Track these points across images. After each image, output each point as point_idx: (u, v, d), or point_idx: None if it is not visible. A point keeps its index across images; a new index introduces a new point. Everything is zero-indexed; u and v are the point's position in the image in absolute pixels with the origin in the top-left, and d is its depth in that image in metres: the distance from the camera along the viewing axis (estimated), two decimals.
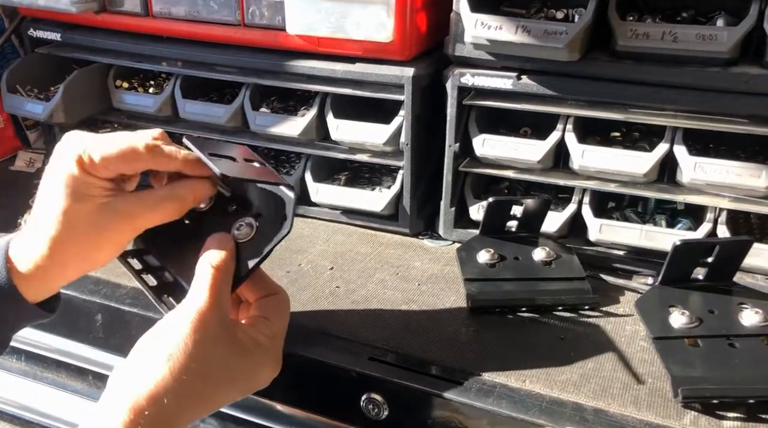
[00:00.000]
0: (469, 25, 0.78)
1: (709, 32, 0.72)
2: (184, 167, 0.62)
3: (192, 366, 0.54)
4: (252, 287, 0.66)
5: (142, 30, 0.99)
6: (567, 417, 0.61)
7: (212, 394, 0.57)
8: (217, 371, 0.56)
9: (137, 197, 0.61)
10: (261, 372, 0.61)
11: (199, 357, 0.55)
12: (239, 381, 0.59)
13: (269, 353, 0.61)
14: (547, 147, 0.83)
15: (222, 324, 0.57)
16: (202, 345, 0.55)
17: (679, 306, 0.71)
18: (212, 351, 0.56)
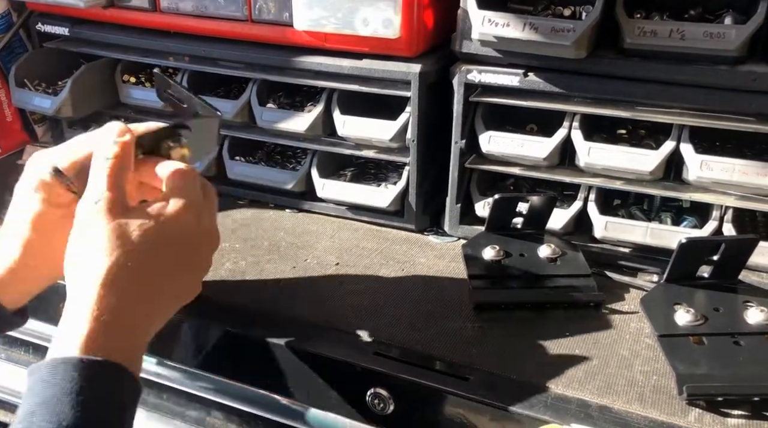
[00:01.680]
0: (477, 22, 0.78)
1: (717, 30, 0.72)
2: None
3: (121, 260, 0.52)
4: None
5: (150, 25, 0.99)
6: (572, 413, 0.62)
7: (156, 281, 0.54)
8: (147, 254, 0.53)
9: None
10: (194, 244, 0.58)
11: (124, 247, 0.52)
12: (174, 259, 0.56)
13: (189, 222, 0.57)
14: (554, 144, 0.83)
15: (127, 209, 0.55)
16: (119, 237, 0.53)
17: (685, 304, 0.71)
18: (132, 237, 0.53)
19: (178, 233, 0.56)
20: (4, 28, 1.10)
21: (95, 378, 0.49)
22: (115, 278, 0.52)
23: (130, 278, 0.53)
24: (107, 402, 0.50)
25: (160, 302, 0.56)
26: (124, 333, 0.52)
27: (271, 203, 1.01)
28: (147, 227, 0.54)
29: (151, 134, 0.63)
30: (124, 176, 0.57)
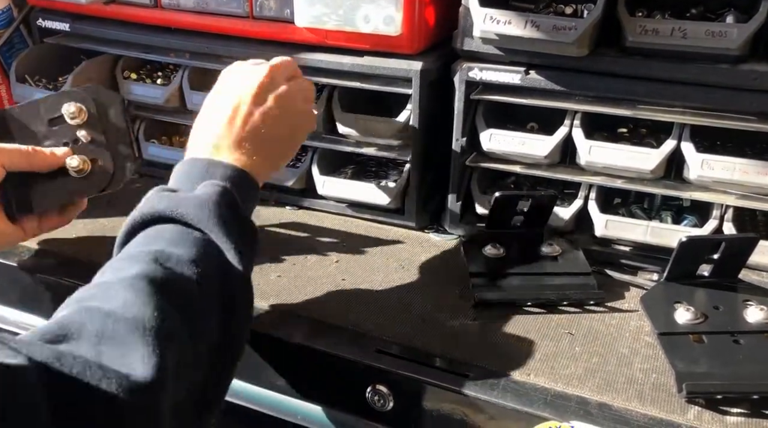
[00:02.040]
0: (478, 20, 0.78)
1: (719, 29, 0.72)
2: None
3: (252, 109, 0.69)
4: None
5: (151, 21, 0.99)
6: (571, 410, 0.62)
7: (273, 132, 0.70)
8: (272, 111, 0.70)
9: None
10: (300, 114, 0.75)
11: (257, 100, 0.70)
12: (288, 121, 0.72)
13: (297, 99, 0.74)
14: (555, 142, 0.83)
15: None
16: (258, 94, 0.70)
17: (685, 302, 0.71)
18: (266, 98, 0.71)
19: (292, 105, 0.72)
20: (4, 24, 1.10)
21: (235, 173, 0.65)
22: (237, 119, 0.68)
23: (246, 122, 0.69)
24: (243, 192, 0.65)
25: (273, 146, 0.71)
26: (242, 156, 0.67)
27: (272, 200, 1.01)
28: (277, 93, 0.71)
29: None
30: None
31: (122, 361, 0.48)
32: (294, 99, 0.73)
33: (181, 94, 1.01)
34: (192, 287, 0.56)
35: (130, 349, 0.49)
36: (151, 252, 0.57)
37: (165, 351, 0.50)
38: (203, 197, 0.61)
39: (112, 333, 0.49)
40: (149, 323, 0.50)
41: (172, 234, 0.59)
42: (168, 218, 0.60)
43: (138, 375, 0.47)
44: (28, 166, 0.73)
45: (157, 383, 0.48)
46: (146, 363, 0.48)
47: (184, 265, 0.57)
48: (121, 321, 0.50)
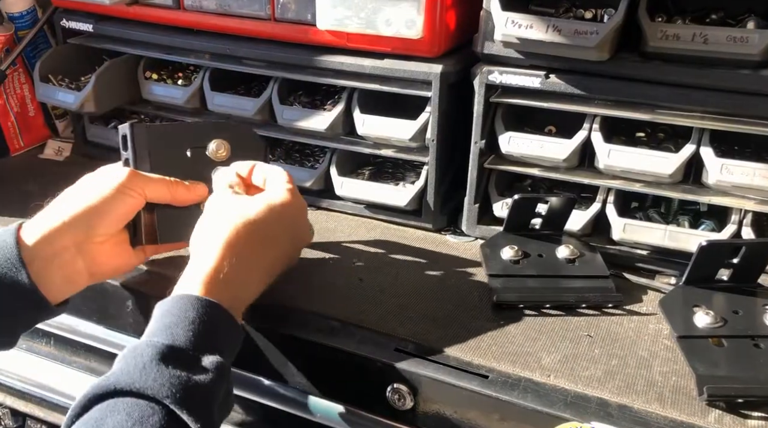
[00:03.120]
0: (500, 24, 0.79)
1: (740, 34, 0.73)
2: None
3: (241, 230, 0.66)
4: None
5: (173, 22, 1.01)
6: (592, 412, 0.62)
7: (266, 250, 0.68)
8: (261, 227, 0.67)
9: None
10: (296, 224, 0.74)
11: (245, 220, 0.67)
12: (280, 234, 0.70)
13: (292, 208, 0.72)
14: (573, 146, 0.84)
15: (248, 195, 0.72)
16: (242, 214, 0.67)
17: (704, 306, 0.72)
18: (252, 214, 0.67)
19: (284, 215, 0.70)
20: (29, 24, 1.12)
21: (207, 314, 0.59)
22: (236, 243, 0.64)
23: (246, 245, 0.65)
24: (214, 333, 0.59)
25: (266, 266, 0.68)
26: (235, 287, 0.64)
27: None
28: (262, 207, 0.68)
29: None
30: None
31: None
32: (297, 216, 0.74)
33: (201, 95, 1.02)
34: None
35: None
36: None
37: None
38: (203, 391, 0.55)
39: None
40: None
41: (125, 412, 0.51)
42: (124, 392, 0.53)
43: None
44: (170, 199, 0.72)
45: None
46: None
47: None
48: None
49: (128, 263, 0.74)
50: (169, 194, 0.72)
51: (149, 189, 0.70)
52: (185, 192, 0.73)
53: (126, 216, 0.70)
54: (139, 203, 0.70)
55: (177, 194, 0.72)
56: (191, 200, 0.74)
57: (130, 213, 0.70)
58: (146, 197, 0.70)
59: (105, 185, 0.68)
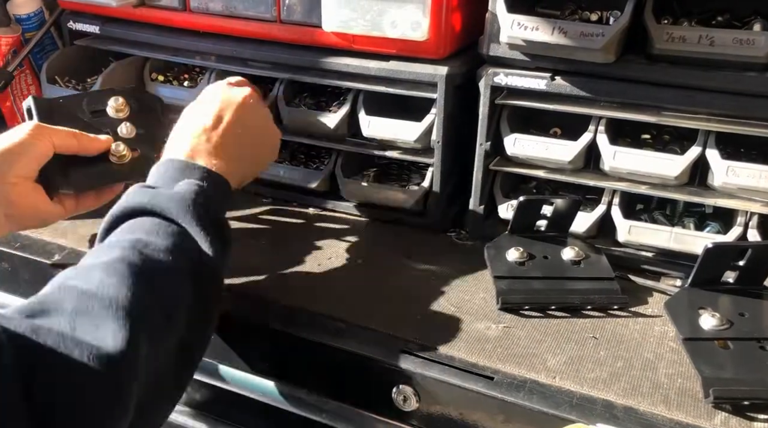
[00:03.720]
0: (506, 25, 0.79)
1: (747, 37, 0.73)
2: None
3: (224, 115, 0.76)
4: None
5: (179, 24, 1.01)
6: (597, 413, 0.62)
7: (244, 138, 0.75)
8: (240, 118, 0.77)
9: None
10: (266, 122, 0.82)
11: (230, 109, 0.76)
12: (255, 129, 0.78)
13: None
14: (579, 148, 0.84)
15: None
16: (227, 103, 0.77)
17: (710, 308, 0.72)
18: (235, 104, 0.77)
19: (257, 111, 0.80)
20: (36, 26, 1.12)
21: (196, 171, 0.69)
22: (216, 128, 0.74)
23: (224, 132, 0.74)
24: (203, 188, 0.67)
25: (244, 156, 0.76)
26: (218, 162, 0.71)
27: (295, 202, 1.02)
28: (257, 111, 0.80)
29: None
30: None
31: (95, 335, 0.51)
32: (270, 119, 0.83)
33: None
34: (166, 273, 0.60)
35: (103, 324, 0.52)
36: (130, 240, 0.61)
37: (136, 329, 0.53)
38: (181, 193, 0.66)
39: (86, 310, 0.52)
40: (122, 302, 0.54)
41: (150, 226, 0.63)
42: (148, 212, 0.65)
43: (108, 347, 0.51)
44: (77, 148, 0.77)
45: (125, 356, 0.51)
46: (116, 337, 0.51)
47: (161, 253, 0.60)
48: (95, 298, 0.53)
49: (45, 211, 0.77)
50: (75, 141, 0.77)
51: (56, 137, 0.75)
52: (90, 140, 0.79)
53: (36, 159, 0.74)
54: (47, 148, 0.74)
55: (83, 142, 0.78)
56: (97, 147, 0.79)
57: (41, 157, 0.74)
58: (54, 144, 0.75)
59: (15, 133, 0.74)
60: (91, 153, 0.79)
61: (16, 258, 0.86)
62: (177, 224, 0.64)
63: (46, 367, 0.48)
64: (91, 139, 0.79)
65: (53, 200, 0.78)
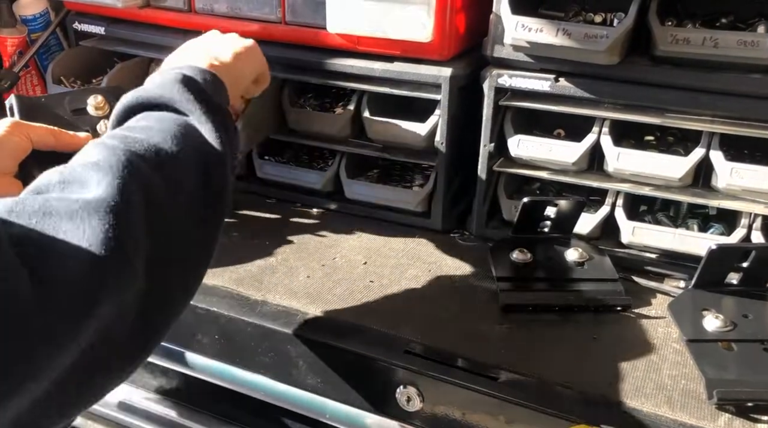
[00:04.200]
0: (510, 27, 0.79)
1: (751, 38, 0.73)
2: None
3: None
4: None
5: (184, 25, 1.01)
6: (601, 414, 0.62)
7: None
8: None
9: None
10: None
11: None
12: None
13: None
14: (583, 149, 0.84)
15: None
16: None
17: (713, 310, 0.72)
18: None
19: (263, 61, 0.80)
20: (42, 27, 1.13)
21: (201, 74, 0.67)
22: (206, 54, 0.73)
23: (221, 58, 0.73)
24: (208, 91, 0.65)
25: (238, 81, 0.74)
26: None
27: (299, 202, 1.02)
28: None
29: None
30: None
31: (83, 192, 0.49)
32: (262, 57, 0.81)
33: None
34: (166, 151, 0.57)
35: (90, 182, 0.50)
36: (122, 129, 0.59)
37: (127, 179, 0.51)
38: (165, 79, 0.64)
39: (73, 177, 0.51)
40: (108, 160, 0.52)
41: (154, 116, 0.62)
42: (152, 105, 0.63)
43: (95, 195, 0.48)
44: (54, 144, 0.77)
45: (114, 198, 0.48)
46: (102, 186, 0.49)
47: (159, 133, 0.58)
48: (81, 166, 0.52)
49: None
50: (53, 138, 0.76)
51: (33, 133, 0.75)
52: (68, 137, 0.78)
53: (13, 154, 0.73)
54: (25, 144, 0.74)
55: (61, 139, 0.77)
56: (76, 144, 0.78)
57: (18, 152, 0.73)
58: (32, 140, 0.74)
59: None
60: (70, 149, 0.77)
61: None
62: (167, 109, 0.62)
63: (34, 227, 0.45)
64: (70, 136, 0.79)
65: None
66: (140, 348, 0.52)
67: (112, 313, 0.47)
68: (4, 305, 0.41)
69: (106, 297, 0.46)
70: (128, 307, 0.49)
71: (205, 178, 0.59)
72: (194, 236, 0.58)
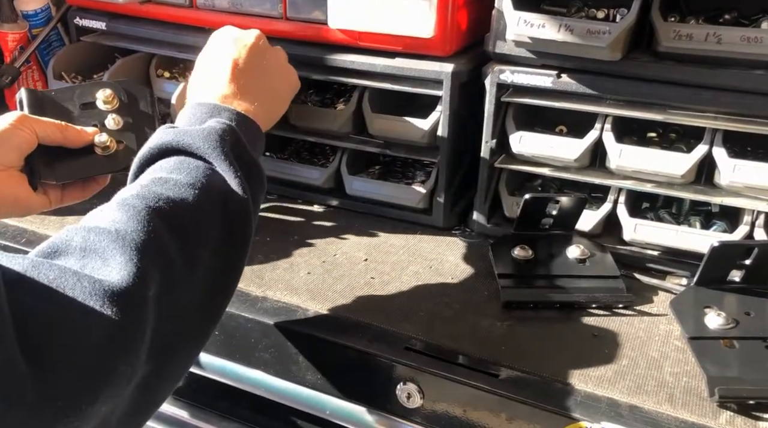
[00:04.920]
0: (512, 23, 0.79)
1: (754, 35, 0.72)
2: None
3: (240, 61, 0.73)
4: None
5: (185, 21, 1.01)
6: (602, 412, 0.62)
7: (262, 80, 0.74)
8: (254, 59, 0.74)
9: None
10: (278, 59, 0.79)
11: (240, 53, 0.74)
12: (269, 67, 0.76)
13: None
14: (585, 146, 0.84)
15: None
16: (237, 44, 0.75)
17: (715, 307, 0.71)
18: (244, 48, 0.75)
19: (271, 50, 0.78)
20: (43, 22, 1.13)
21: (225, 112, 0.67)
22: (237, 71, 0.72)
23: (245, 74, 0.72)
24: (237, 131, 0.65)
25: (268, 95, 0.74)
26: (245, 104, 0.70)
27: (300, 198, 1.02)
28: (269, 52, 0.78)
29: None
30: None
31: (102, 270, 0.48)
32: (283, 59, 0.80)
33: None
34: (188, 209, 0.56)
35: (111, 258, 0.48)
36: (152, 179, 0.58)
37: (146, 263, 0.49)
38: (209, 130, 0.63)
39: (94, 246, 0.49)
40: (131, 235, 0.50)
41: (175, 163, 0.60)
42: (173, 150, 0.62)
43: (113, 281, 0.47)
44: (61, 139, 0.76)
45: (131, 292, 0.47)
46: (122, 271, 0.48)
47: (182, 188, 0.57)
48: (104, 234, 0.50)
49: (26, 200, 0.75)
50: (59, 133, 0.76)
51: (40, 128, 0.74)
52: (76, 132, 0.77)
53: (18, 148, 0.73)
54: (30, 138, 0.73)
55: (67, 134, 0.76)
56: (83, 139, 0.77)
57: (23, 145, 0.73)
58: (38, 135, 0.74)
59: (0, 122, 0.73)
60: (77, 145, 0.78)
61: (23, 253, 0.87)
62: (203, 160, 0.61)
63: (43, 302, 0.44)
64: (77, 131, 0.78)
65: (37, 190, 0.77)
66: (137, 423, 0.51)
67: (110, 408, 0.46)
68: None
69: (107, 394, 0.45)
70: (127, 394, 0.48)
71: (227, 235, 0.58)
72: (207, 314, 0.57)
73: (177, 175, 0.58)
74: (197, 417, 0.88)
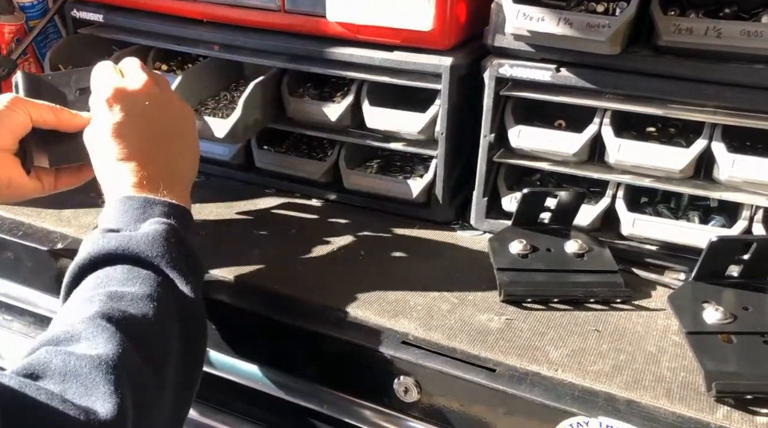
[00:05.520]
0: (511, 16, 0.78)
1: (755, 29, 0.72)
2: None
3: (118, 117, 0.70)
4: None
5: (183, 13, 1.00)
6: (599, 406, 0.62)
7: (154, 131, 0.71)
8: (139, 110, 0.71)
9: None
10: (171, 106, 0.75)
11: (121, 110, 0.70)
12: (159, 116, 0.73)
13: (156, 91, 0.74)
14: (584, 140, 0.83)
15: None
16: (116, 102, 0.71)
17: (713, 302, 0.71)
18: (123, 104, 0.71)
19: (153, 95, 0.73)
20: (40, 14, 1.12)
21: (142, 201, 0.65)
22: (122, 128, 0.69)
23: (132, 129, 0.69)
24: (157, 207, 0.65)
25: (164, 154, 0.71)
26: (169, 181, 0.68)
27: (298, 192, 1.02)
28: (131, 93, 0.72)
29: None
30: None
31: (86, 398, 0.49)
32: (176, 100, 0.76)
33: None
34: (150, 323, 0.57)
35: (93, 387, 0.49)
36: (107, 293, 0.57)
37: (126, 388, 0.51)
38: (153, 235, 0.61)
39: (75, 371, 0.50)
40: (112, 361, 0.51)
41: (123, 274, 0.59)
42: (118, 258, 0.60)
43: (99, 414, 0.48)
44: (56, 123, 0.75)
45: (117, 421, 0.49)
46: (108, 401, 0.49)
47: (140, 302, 0.57)
48: (84, 358, 0.50)
49: (19, 184, 0.75)
50: (53, 116, 0.75)
51: (34, 110, 0.74)
52: (70, 116, 0.76)
53: (11, 130, 0.72)
54: (24, 120, 0.73)
55: (62, 117, 0.76)
56: (77, 123, 0.77)
57: (16, 128, 0.73)
58: (32, 117, 0.73)
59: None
60: (71, 129, 0.76)
61: (19, 246, 0.86)
62: (153, 269, 0.60)
63: (35, 422, 0.46)
64: (72, 115, 0.77)
65: (30, 174, 0.76)
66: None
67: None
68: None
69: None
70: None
71: (186, 346, 0.59)
72: (172, 419, 0.59)
73: (131, 288, 0.58)
74: (193, 410, 0.88)
